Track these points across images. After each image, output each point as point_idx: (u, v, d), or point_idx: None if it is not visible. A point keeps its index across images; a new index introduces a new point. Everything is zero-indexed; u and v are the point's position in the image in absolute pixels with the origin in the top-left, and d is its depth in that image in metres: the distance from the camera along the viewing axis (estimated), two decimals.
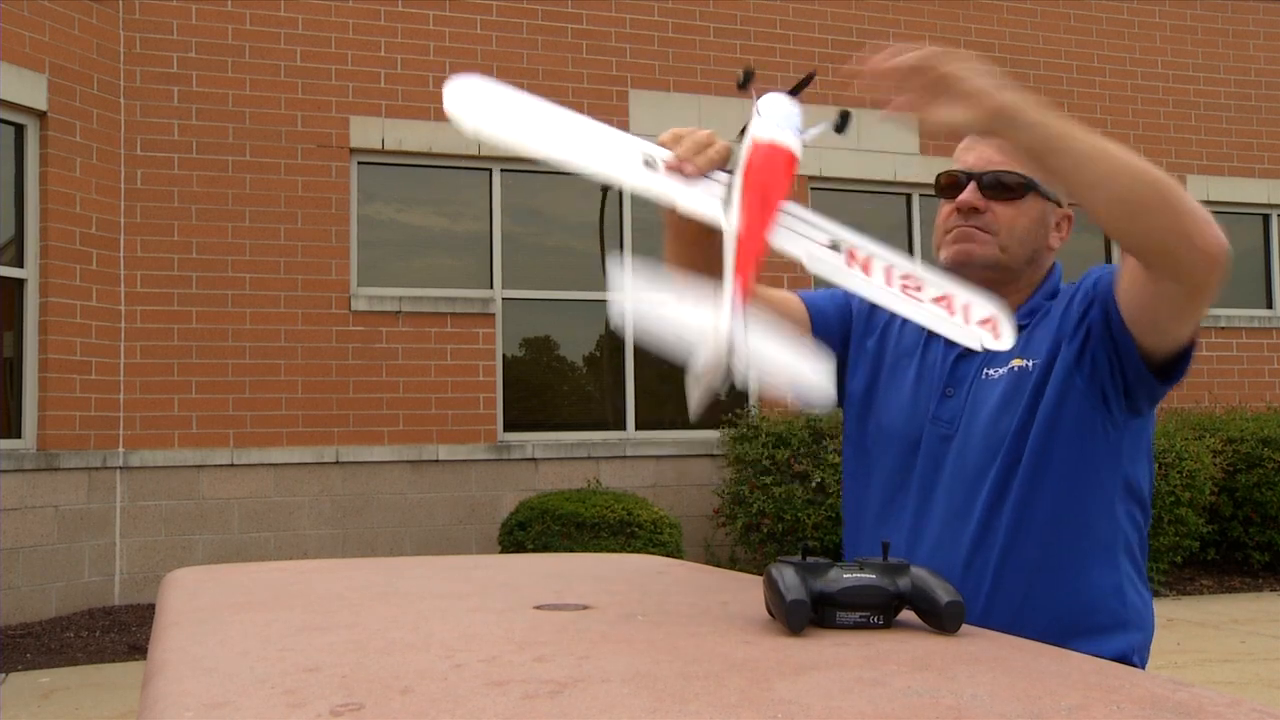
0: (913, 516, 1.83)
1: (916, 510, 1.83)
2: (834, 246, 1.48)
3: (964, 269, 1.80)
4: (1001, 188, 1.81)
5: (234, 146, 8.21)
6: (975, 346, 1.45)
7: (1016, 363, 1.79)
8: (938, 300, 1.45)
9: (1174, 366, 1.72)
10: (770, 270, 1.47)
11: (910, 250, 9.89)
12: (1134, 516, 1.81)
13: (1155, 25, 10.77)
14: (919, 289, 1.45)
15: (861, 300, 1.97)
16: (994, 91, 1.46)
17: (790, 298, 1.96)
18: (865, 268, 1.46)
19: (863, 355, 1.96)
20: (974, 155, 1.86)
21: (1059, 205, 1.88)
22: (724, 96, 9.23)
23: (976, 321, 1.45)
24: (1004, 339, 1.44)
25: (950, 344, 1.87)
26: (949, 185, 1.85)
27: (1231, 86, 10.95)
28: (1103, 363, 1.73)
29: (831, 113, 1.62)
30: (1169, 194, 1.51)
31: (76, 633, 6.93)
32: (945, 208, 1.87)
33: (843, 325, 1.98)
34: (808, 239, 1.49)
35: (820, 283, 1.53)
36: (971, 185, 1.83)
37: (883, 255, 1.48)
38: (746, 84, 1.48)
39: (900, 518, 1.84)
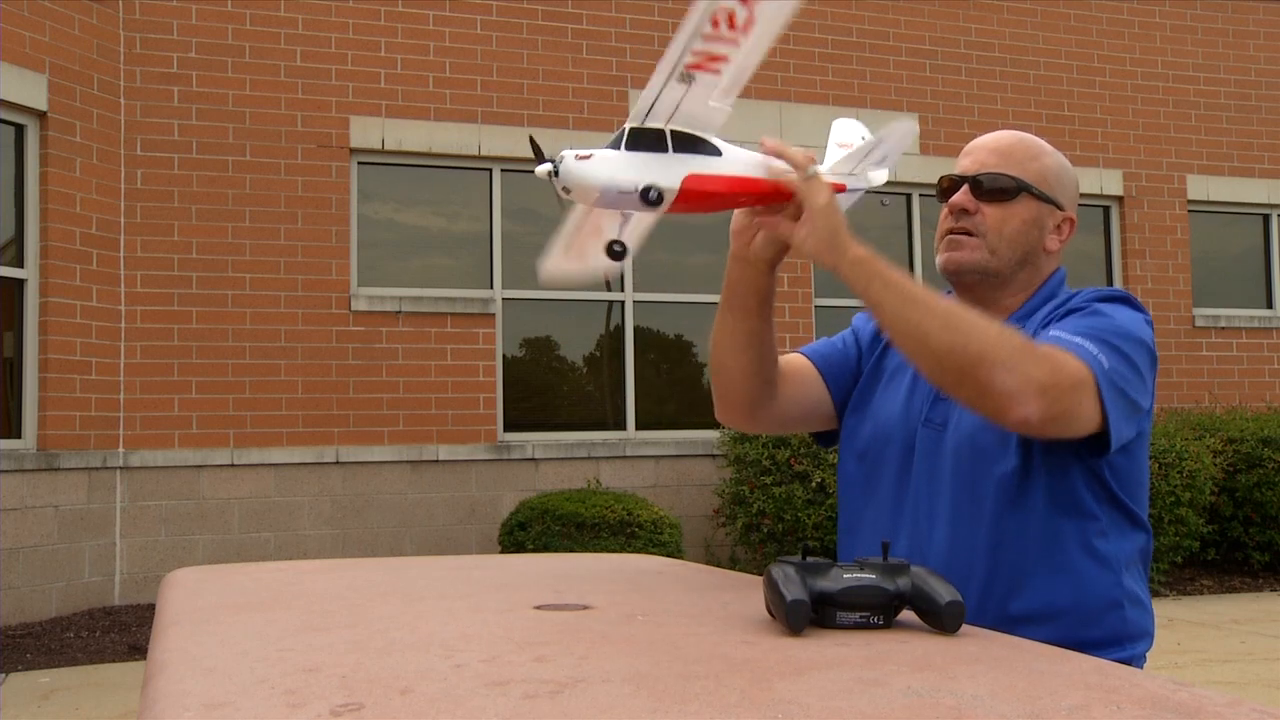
0: (910, 521, 1.83)
1: (914, 514, 1.83)
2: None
3: (955, 275, 1.87)
4: (992, 190, 1.85)
5: (234, 146, 8.21)
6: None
7: None
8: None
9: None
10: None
11: (910, 250, 9.89)
12: (1131, 528, 1.81)
13: (1155, 25, 10.77)
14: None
15: (865, 327, 2.02)
16: (843, 254, 1.63)
17: (795, 358, 2.02)
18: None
19: (865, 374, 2.00)
20: (970, 159, 1.90)
21: (1059, 208, 1.88)
22: None
23: None
24: None
25: None
26: (948, 189, 1.89)
27: (1231, 86, 10.94)
28: None
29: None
30: (975, 373, 1.57)
31: (76, 633, 6.93)
32: (943, 210, 1.89)
33: (850, 363, 2.01)
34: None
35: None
36: (964, 188, 1.86)
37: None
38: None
39: (899, 523, 1.84)
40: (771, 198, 1.69)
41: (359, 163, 8.60)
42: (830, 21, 9.68)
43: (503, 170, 8.82)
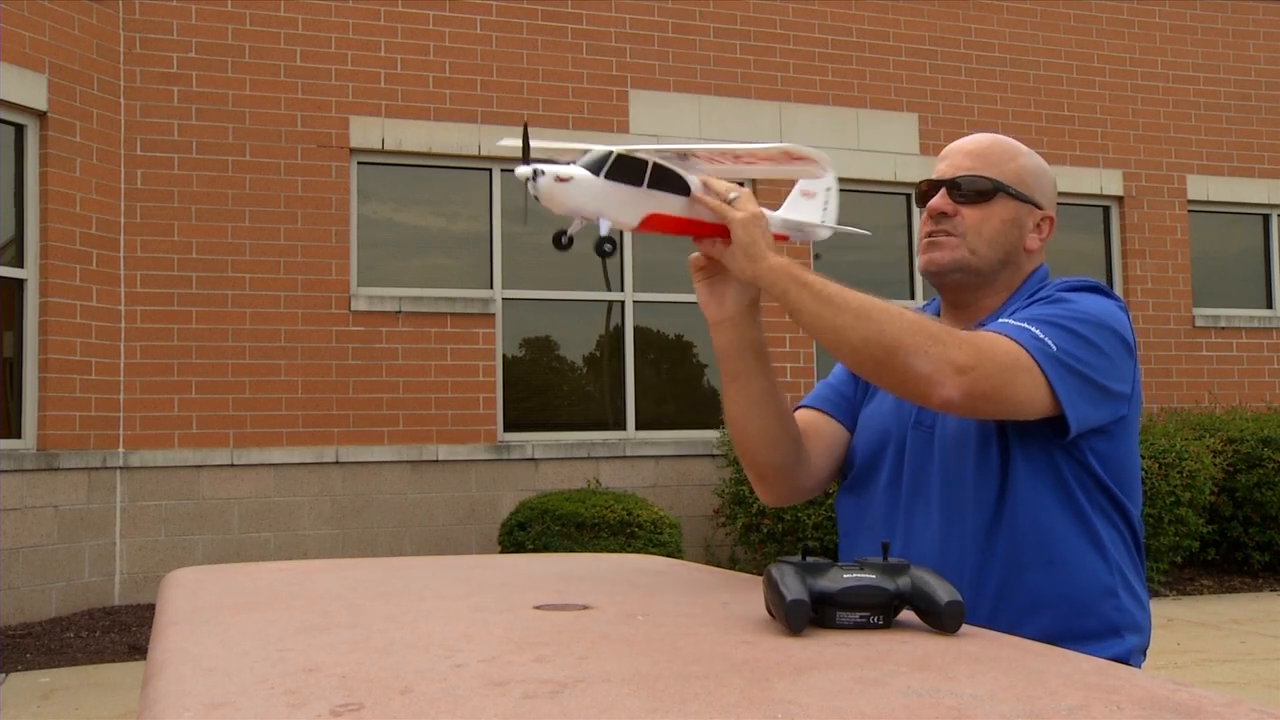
0: (905, 521, 1.84)
1: (909, 515, 1.84)
2: (681, 156, 1.76)
3: (935, 275, 1.88)
4: (969, 192, 1.86)
5: (234, 146, 8.21)
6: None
7: None
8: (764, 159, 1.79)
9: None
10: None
11: (909, 249, 9.89)
12: (1120, 518, 1.81)
13: (1155, 25, 10.77)
14: (750, 159, 1.79)
15: None
16: (760, 261, 1.70)
17: (804, 414, 2.01)
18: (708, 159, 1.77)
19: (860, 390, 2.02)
20: (947, 163, 1.92)
21: (1038, 207, 1.89)
22: (724, 97, 9.23)
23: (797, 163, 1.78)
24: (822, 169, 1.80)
25: None
26: (926, 192, 1.91)
27: (1231, 86, 10.94)
28: None
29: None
30: (891, 361, 1.61)
31: (76, 633, 6.93)
32: (923, 214, 1.91)
33: (848, 394, 2.02)
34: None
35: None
36: (942, 191, 1.88)
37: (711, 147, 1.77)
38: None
39: (895, 524, 1.85)
40: (719, 233, 1.77)
41: (359, 163, 8.60)
42: (830, 21, 9.68)
43: (503, 170, 8.81)
